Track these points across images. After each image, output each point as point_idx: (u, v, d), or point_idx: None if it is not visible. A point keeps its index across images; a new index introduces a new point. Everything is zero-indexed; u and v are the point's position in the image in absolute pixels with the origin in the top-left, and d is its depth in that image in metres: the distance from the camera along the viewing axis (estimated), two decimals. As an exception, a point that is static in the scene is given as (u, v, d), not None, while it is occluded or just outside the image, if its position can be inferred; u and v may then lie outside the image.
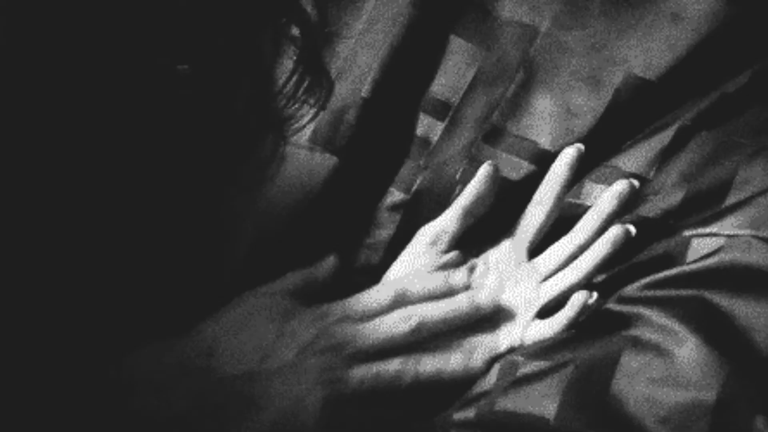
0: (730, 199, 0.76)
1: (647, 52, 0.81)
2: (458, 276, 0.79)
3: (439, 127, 0.83)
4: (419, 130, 0.83)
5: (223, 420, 0.73)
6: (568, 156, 0.81)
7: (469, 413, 0.74)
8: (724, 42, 0.80)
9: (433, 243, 0.80)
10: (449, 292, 0.78)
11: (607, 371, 0.71)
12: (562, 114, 0.82)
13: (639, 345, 0.71)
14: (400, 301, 0.77)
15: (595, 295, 0.76)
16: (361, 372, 0.75)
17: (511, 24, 0.83)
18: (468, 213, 0.80)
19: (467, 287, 0.79)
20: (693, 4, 0.81)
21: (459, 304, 0.78)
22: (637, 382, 0.70)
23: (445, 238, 0.80)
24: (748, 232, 0.73)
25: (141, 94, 0.67)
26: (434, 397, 0.76)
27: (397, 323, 0.76)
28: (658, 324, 0.71)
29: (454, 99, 0.83)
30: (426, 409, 0.76)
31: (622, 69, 0.82)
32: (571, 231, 0.81)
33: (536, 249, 0.82)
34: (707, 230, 0.75)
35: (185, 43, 0.67)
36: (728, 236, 0.73)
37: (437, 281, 0.78)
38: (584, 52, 0.83)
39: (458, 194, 0.81)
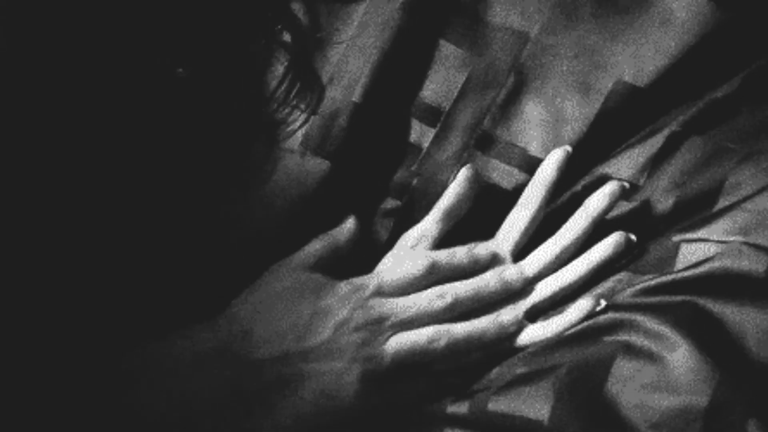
0: (720, 205, 0.76)
1: (637, 58, 0.81)
2: (481, 249, 0.80)
3: (430, 133, 0.83)
4: (411, 136, 0.83)
5: (260, 403, 0.73)
6: (555, 158, 0.81)
7: (462, 408, 0.75)
8: (714, 47, 0.81)
9: (415, 247, 0.80)
10: (475, 264, 0.79)
11: (600, 375, 0.71)
12: (552, 120, 0.82)
13: (631, 351, 0.72)
14: (431, 272, 0.78)
15: (603, 303, 0.77)
16: (396, 343, 0.76)
17: (501, 29, 0.84)
18: (448, 216, 0.81)
19: (492, 258, 0.80)
20: (682, 10, 0.81)
21: (489, 280, 0.79)
22: (629, 387, 0.70)
23: (426, 242, 0.80)
24: (737, 238, 0.73)
25: (141, 94, 0.69)
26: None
27: (432, 300, 0.77)
28: (650, 330, 0.72)
29: (444, 105, 0.83)
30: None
31: (612, 75, 0.82)
32: (558, 232, 0.81)
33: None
34: (696, 235, 0.75)
35: (183, 48, 0.70)
36: (717, 242, 0.73)
37: (461, 254, 0.79)
38: (574, 57, 0.83)
39: None
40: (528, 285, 0.80)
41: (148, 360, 0.73)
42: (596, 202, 0.80)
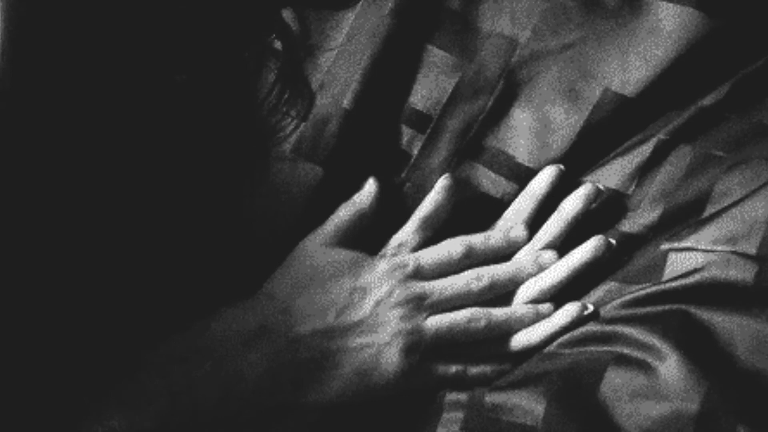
0: (708, 213, 0.77)
1: (625, 67, 0.82)
2: (517, 231, 0.81)
3: (420, 139, 0.83)
4: (401, 143, 0.83)
5: (302, 378, 0.75)
6: (546, 176, 0.82)
7: (461, 396, 0.76)
8: (702, 56, 0.81)
9: (394, 256, 0.81)
10: (510, 246, 0.81)
11: (592, 382, 0.72)
12: (540, 128, 0.83)
13: (622, 360, 0.72)
14: (468, 255, 0.80)
15: (590, 307, 0.78)
16: (436, 322, 0.78)
17: (491, 35, 0.84)
18: (426, 224, 0.81)
19: (526, 240, 0.81)
20: (670, 19, 0.81)
21: (525, 264, 0.80)
22: (621, 395, 0.71)
23: (406, 250, 0.81)
24: (725, 247, 0.73)
25: (143, 98, 0.72)
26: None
27: (470, 282, 0.79)
28: (639, 341, 0.72)
29: (434, 111, 0.83)
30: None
31: (600, 84, 0.82)
32: (535, 236, 0.82)
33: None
34: (684, 244, 0.76)
35: (181, 55, 0.74)
36: (705, 251, 0.74)
37: (497, 236, 0.81)
38: (563, 64, 0.83)
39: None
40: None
41: (190, 344, 0.74)
42: (571, 205, 0.81)
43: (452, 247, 0.80)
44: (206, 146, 0.80)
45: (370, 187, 0.82)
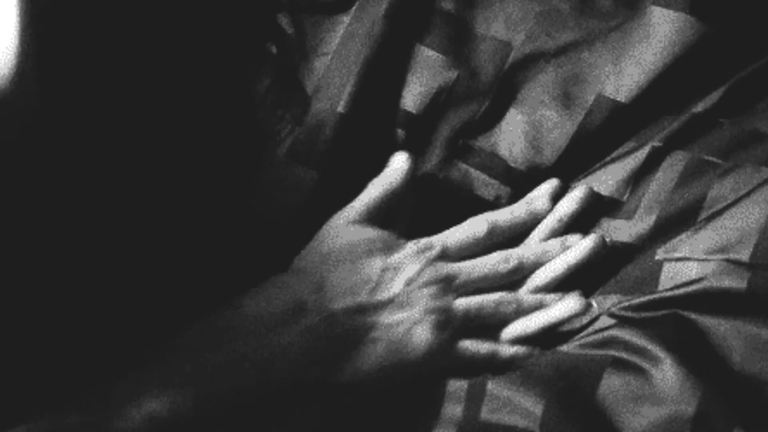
0: (701, 219, 0.77)
1: (618, 72, 0.82)
2: (539, 203, 0.82)
3: (414, 141, 0.84)
4: (397, 145, 0.84)
5: (336, 356, 0.75)
6: (546, 188, 0.82)
7: (463, 383, 0.76)
8: (696, 61, 0.81)
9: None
10: (534, 219, 0.82)
11: (591, 385, 0.72)
12: (533, 132, 0.83)
13: (619, 365, 0.73)
14: (492, 233, 0.81)
15: (594, 303, 0.79)
16: (465, 303, 0.79)
17: (485, 39, 0.84)
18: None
19: (549, 210, 0.82)
20: (663, 24, 0.81)
21: (551, 247, 0.81)
22: (619, 398, 0.71)
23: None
24: (718, 256, 0.74)
25: (148, 97, 0.74)
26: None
27: (497, 263, 0.80)
28: (634, 345, 0.73)
29: (428, 114, 0.84)
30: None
31: (593, 89, 0.82)
32: (528, 237, 0.83)
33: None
34: (678, 254, 0.76)
35: (183, 58, 0.76)
36: (699, 260, 0.74)
37: (521, 210, 0.82)
38: (557, 69, 0.83)
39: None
40: None
41: (226, 324, 0.74)
42: (565, 206, 0.82)
43: (476, 226, 0.81)
44: (204, 147, 0.80)
45: (400, 163, 0.82)
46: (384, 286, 0.77)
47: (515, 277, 0.80)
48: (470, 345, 0.78)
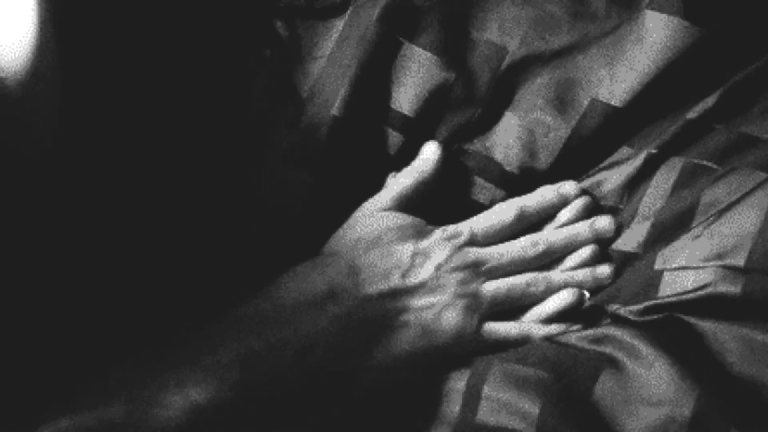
0: (696, 223, 0.77)
1: (613, 76, 0.82)
2: (569, 187, 0.83)
3: (410, 144, 0.84)
4: (390, 148, 0.84)
5: (370, 339, 0.76)
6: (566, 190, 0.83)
7: (460, 384, 0.76)
8: (689, 65, 0.81)
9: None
10: (563, 203, 0.82)
11: (587, 386, 0.72)
12: (528, 136, 0.83)
13: (614, 365, 0.73)
14: (520, 218, 0.82)
15: (587, 295, 0.79)
16: (494, 286, 0.80)
17: (480, 43, 0.84)
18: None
19: (581, 192, 0.83)
20: (657, 28, 0.82)
21: (580, 230, 0.82)
22: (614, 400, 0.71)
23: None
24: (715, 263, 0.74)
25: (154, 93, 0.78)
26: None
27: (525, 248, 0.81)
28: (628, 346, 0.73)
29: (423, 117, 0.84)
30: None
31: (587, 93, 0.83)
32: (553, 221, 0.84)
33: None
34: (676, 264, 0.76)
35: (187, 58, 0.80)
36: (696, 268, 0.75)
37: (550, 194, 0.82)
38: (551, 73, 0.83)
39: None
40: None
41: (263, 310, 0.75)
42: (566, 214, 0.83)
43: (504, 213, 0.82)
44: (203, 146, 0.81)
45: (432, 152, 0.83)
46: (415, 270, 0.78)
47: (544, 261, 0.81)
48: (500, 327, 0.79)
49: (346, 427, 0.77)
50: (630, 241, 0.80)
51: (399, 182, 0.82)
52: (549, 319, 0.80)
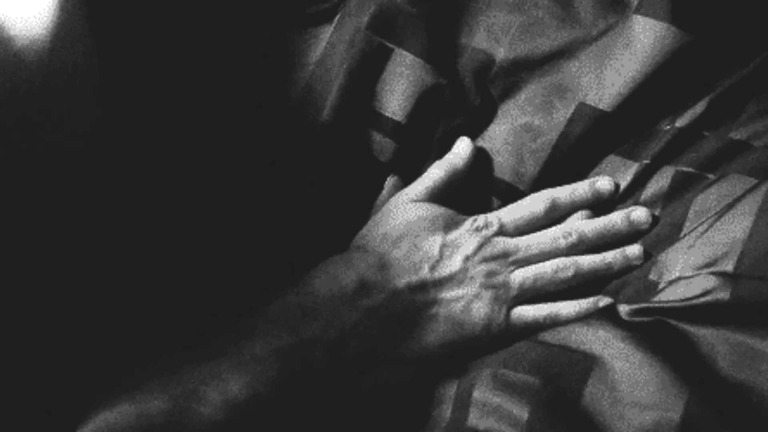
0: (686, 231, 0.78)
1: (600, 80, 0.82)
2: (604, 183, 0.82)
3: (399, 149, 0.84)
4: (382, 154, 0.84)
5: (400, 332, 0.77)
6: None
7: (451, 388, 0.77)
8: (677, 70, 0.81)
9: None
10: (596, 199, 0.82)
11: (576, 390, 0.72)
12: (516, 141, 0.83)
13: (604, 368, 0.73)
14: (551, 210, 0.82)
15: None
16: (522, 274, 0.80)
17: (467, 49, 0.84)
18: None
19: (617, 190, 0.82)
20: (645, 33, 0.82)
21: (615, 221, 0.81)
22: (604, 404, 0.71)
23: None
24: (706, 271, 0.74)
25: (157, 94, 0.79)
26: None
27: (556, 239, 0.81)
28: (618, 348, 0.73)
29: (411, 122, 0.84)
30: None
31: (575, 98, 0.83)
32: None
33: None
34: (671, 277, 0.76)
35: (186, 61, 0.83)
36: (689, 278, 0.75)
37: (584, 188, 0.82)
38: (539, 78, 0.83)
39: None
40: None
41: (296, 306, 0.75)
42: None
43: (535, 205, 0.82)
44: (202, 148, 0.82)
45: (463, 146, 0.83)
46: (443, 262, 0.79)
47: (576, 252, 0.81)
48: (529, 310, 0.79)
49: (343, 428, 0.76)
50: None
51: (431, 174, 0.83)
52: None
